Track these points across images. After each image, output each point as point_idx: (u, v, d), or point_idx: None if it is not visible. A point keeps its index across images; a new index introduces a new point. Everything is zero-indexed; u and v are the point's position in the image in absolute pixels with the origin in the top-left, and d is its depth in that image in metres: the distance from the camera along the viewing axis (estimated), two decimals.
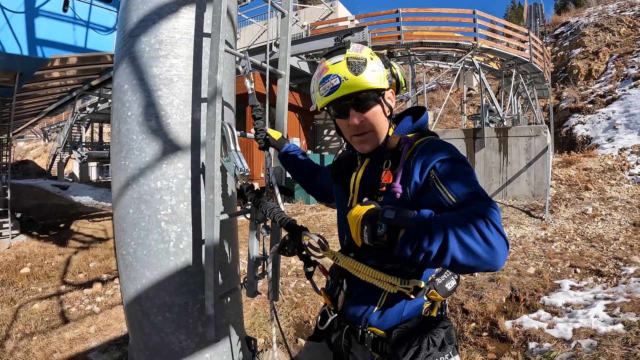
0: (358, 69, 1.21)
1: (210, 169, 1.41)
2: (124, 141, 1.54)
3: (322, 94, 1.26)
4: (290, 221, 1.31)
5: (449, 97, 15.22)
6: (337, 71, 1.22)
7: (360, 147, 1.32)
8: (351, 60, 1.23)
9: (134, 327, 1.62)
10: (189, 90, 1.55)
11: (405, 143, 1.24)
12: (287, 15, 1.82)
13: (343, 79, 1.21)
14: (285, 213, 1.38)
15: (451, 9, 12.61)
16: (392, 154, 1.25)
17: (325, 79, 1.24)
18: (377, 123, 1.28)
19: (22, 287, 5.39)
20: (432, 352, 1.14)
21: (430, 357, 1.14)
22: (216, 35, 1.38)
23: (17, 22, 5.88)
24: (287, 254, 1.29)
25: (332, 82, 1.22)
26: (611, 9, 22.53)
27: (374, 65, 1.25)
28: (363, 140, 1.30)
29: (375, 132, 1.29)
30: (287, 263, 5.88)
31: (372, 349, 1.26)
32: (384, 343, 1.23)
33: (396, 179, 1.20)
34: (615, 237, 6.87)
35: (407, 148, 1.23)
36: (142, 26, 1.53)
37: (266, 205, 1.40)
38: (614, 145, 12.72)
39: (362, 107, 1.25)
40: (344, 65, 1.22)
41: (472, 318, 3.97)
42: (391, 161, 1.25)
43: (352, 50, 1.26)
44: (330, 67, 1.24)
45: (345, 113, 1.27)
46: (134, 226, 1.53)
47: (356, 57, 1.24)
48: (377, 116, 1.28)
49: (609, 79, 17.41)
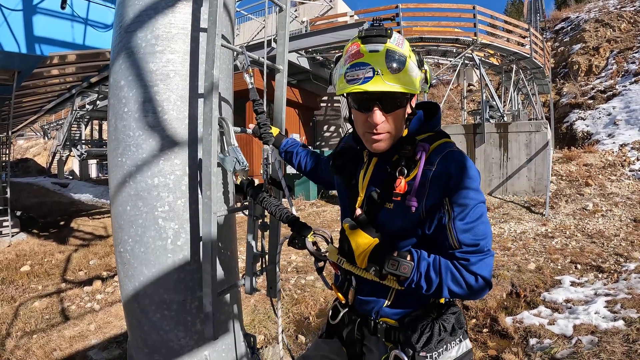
0: (397, 67, 1.11)
1: (207, 165, 1.39)
2: (120, 138, 1.53)
3: (348, 80, 1.14)
4: (293, 217, 1.30)
5: (449, 92, 15.18)
6: (373, 62, 1.10)
7: (373, 145, 1.23)
8: (391, 53, 1.11)
9: (133, 325, 1.62)
10: (186, 86, 1.53)
11: (421, 150, 1.19)
12: (284, 9, 1.80)
13: (378, 72, 1.09)
14: (287, 209, 1.37)
15: (451, 4, 12.56)
16: (407, 160, 1.20)
17: (357, 65, 1.12)
18: (397, 126, 1.21)
19: (22, 285, 5.40)
20: (444, 337, 1.18)
21: (442, 342, 1.17)
22: (212, 30, 1.36)
23: (15, 20, 5.85)
24: (297, 247, 1.30)
25: (364, 72, 1.10)
26: (612, 5, 22.43)
27: (412, 66, 1.16)
28: (377, 139, 1.21)
29: (392, 135, 1.22)
30: (287, 259, 5.88)
31: (385, 338, 1.28)
32: (396, 332, 1.25)
33: (412, 192, 1.16)
34: (616, 233, 6.86)
35: (424, 156, 1.18)
36: (138, 22, 1.52)
37: (269, 202, 1.39)
38: (615, 141, 12.69)
39: (388, 108, 1.16)
40: (382, 57, 1.10)
41: (473, 314, 3.97)
42: (405, 168, 1.19)
43: (393, 42, 1.13)
44: (366, 54, 1.11)
45: (367, 108, 1.16)
46: (131, 223, 1.52)
47: (397, 51, 1.12)
48: (399, 119, 1.21)
49: (610, 75, 17.35)
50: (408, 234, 1.22)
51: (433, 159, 1.17)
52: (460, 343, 1.21)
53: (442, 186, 1.14)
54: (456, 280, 1.11)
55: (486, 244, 1.12)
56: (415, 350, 1.16)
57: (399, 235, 1.23)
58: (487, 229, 1.14)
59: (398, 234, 1.23)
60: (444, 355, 1.16)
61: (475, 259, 1.11)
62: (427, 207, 1.16)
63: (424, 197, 1.16)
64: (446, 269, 1.11)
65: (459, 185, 1.13)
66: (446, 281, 1.11)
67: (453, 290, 1.11)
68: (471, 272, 1.10)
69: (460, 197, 1.12)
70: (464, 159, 1.17)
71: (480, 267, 1.11)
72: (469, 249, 1.11)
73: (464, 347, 1.22)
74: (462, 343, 1.22)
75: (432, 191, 1.15)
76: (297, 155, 1.84)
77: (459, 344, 1.20)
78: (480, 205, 1.14)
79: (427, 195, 1.15)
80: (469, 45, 12.31)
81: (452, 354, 1.18)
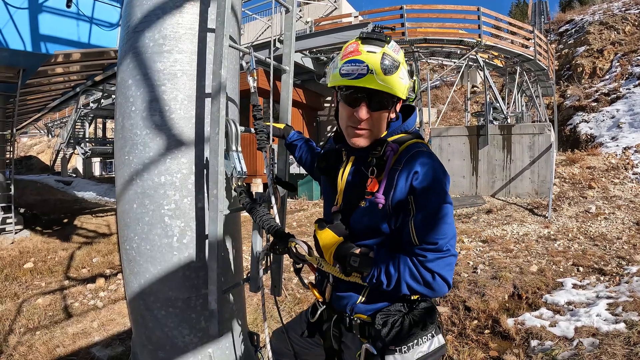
0: (390, 70, 1.19)
1: (214, 164, 1.41)
2: (127, 136, 1.54)
3: (342, 74, 1.22)
4: (277, 228, 1.35)
5: (453, 94, 15.17)
6: (369, 61, 1.18)
7: (353, 140, 1.31)
8: (387, 58, 1.20)
9: (137, 322, 1.63)
10: (193, 85, 1.54)
11: (390, 151, 1.26)
12: (291, 10, 1.81)
13: (372, 71, 1.17)
14: (274, 220, 1.40)
15: (456, 6, 12.60)
16: (378, 160, 1.27)
17: (353, 61, 1.20)
18: (379, 125, 1.29)
19: (25, 282, 5.43)
20: (415, 331, 1.21)
21: (413, 337, 1.20)
22: (220, 31, 1.38)
23: (20, 18, 5.89)
24: (278, 253, 1.38)
25: (359, 68, 1.18)
26: (616, 7, 22.37)
27: (403, 73, 1.24)
28: (358, 134, 1.29)
29: (373, 133, 1.30)
30: (291, 259, 5.89)
31: (360, 335, 1.33)
32: (369, 327, 1.29)
33: (380, 189, 1.24)
34: (619, 236, 6.85)
35: (392, 156, 1.26)
36: (146, 21, 1.53)
37: (257, 213, 1.41)
38: (618, 144, 12.65)
39: (375, 107, 1.24)
40: (378, 58, 1.18)
41: (475, 315, 3.97)
42: (376, 168, 1.26)
43: (390, 48, 1.23)
44: (363, 53, 1.20)
45: (355, 103, 1.24)
46: (137, 221, 1.54)
47: (392, 56, 1.21)
48: (382, 120, 1.29)
49: (614, 77, 17.29)
50: (377, 230, 1.27)
51: (401, 159, 1.24)
52: (433, 338, 1.24)
53: (407, 185, 1.20)
54: (414, 276, 1.15)
55: (446, 243, 1.16)
56: (385, 344, 1.19)
57: (370, 232, 1.29)
58: (448, 229, 1.17)
59: (369, 230, 1.29)
60: (414, 350, 1.19)
61: (433, 256, 1.15)
62: (393, 203, 1.22)
63: (390, 194, 1.22)
64: (404, 265, 1.16)
65: (423, 185, 1.18)
66: (404, 276, 1.15)
67: (411, 285, 1.16)
68: (427, 269, 1.15)
69: (422, 196, 1.18)
70: (431, 159, 1.22)
71: (437, 265, 1.15)
72: (427, 246, 1.15)
73: (437, 343, 1.24)
74: (435, 338, 1.24)
75: (398, 189, 1.21)
76: (300, 149, 1.89)
77: (431, 339, 1.23)
78: (444, 206, 1.18)
79: (394, 193, 1.21)
80: (473, 46, 12.31)
81: (423, 348, 1.21)
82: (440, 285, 1.15)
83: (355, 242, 1.28)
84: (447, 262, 1.16)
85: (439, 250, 1.15)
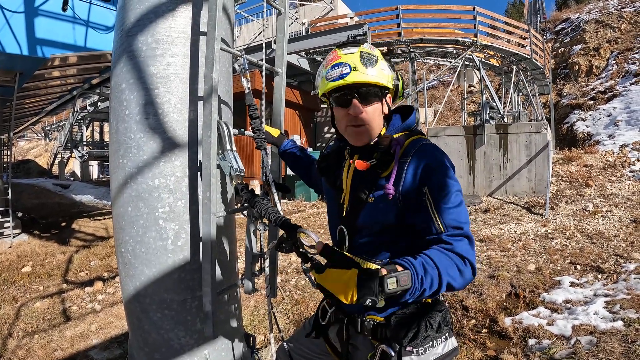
0: (370, 63, 1.27)
1: (207, 166, 1.41)
2: (122, 140, 1.55)
3: (329, 79, 1.28)
4: (285, 220, 1.32)
5: (450, 93, 15.20)
6: (349, 60, 1.26)
7: (355, 139, 1.35)
8: (364, 54, 1.28)
9: (134, 324, 1.63)
10: (186, 88, 1.55)
11: (397, 145, 1.29)
12: (283, 12, 1.82)
13: (354, 68, 1.24)
14: (280, 212, 1.39)
15: (451, 6, 12.60)
16: (384, 155, 1.28)
17: (335, 65, 1.28)
18: (375, 119, 1.32)
19: (23, 286, 5.42)
20: (430, 334, 1.21)
21: (428, 339, 1.21)
22: (212, 34, 1.38)
23: (16, 22, 5.88)
24: (285, 251, 1.29)
25: (342, 69, 1.25)
26: (612, 5, 22.44)
27: (384, 65, 1.32)
28: (359, 132, 1.32)
29: (371, 127, 1.32)
30: (288, 260, 5.90)
31: (371, 336, 1.31)
32: (383, 329, 1.28)
33: (389, 181, 1.25)
34: (616, 234, 6.87)
35: (399, 149, 1.28)
36: (139, 25, 1.54)
37: (261, 205, 1.41)
38: (615, 142, 12.70)
39: (365, 100, 1.28)
40: (357, 56, 1.27)
41: (472, 315, 3.98)
42: (383, 163, 1.28)
43: (365, 47, 1.32)
44: (342, 55, 1.29)
45: (346, 103, 1.29)
46: (132, 224, 1.54)
47: (369, 52, 1.29)
48: (376, 113, 1.32)
49: (610, 76, 17.35)
50: (385, 225, 1.28)
51: (408, 151, 1.27)
52: (446, 340, 1.26)
53: (418, 176, 1.22)
54: (451, 262, 1.10)
55: (468, 229, 1.17)
56: (402, 345, 1.20)
57: (378, 227, 1.29)
58: (467, 215, 1.20)
59: (377, 225, 1.29)
60: (429, 352, 1.21)
61: (461, 242, 1.14)
62: (402, 194, 1.23)
63: (400, 185, 1.24)
64: (439, 257, 1.09)
65: (437, 173, 1.20)
66: (444, 269, 1.07)
67: (451, 276, 1.08)
68: (458, 254, 1.12)
69: (440, 184, 1.19)
70: (437, 150, 1.27)
71: (466, 251, 1.14)
72: (454, 231, 1.15)
73: (450, 345, 1.27)
74: (448, 341, 1.26)
75: (408, 180, 1.23)
76: (294, 157, 1.90)
77: (445, 342, 1.25)
78: (459, 192, 1.20)
79: (403, 184, 1.23)
80: (469, 46, 12.34)
81: (437, 350, 1.23)
82: (470, 271, 1.13)
83: (361, 239, 1.29)
84: (472, 247, 1.16)
85: (465, 236, 1.16)
